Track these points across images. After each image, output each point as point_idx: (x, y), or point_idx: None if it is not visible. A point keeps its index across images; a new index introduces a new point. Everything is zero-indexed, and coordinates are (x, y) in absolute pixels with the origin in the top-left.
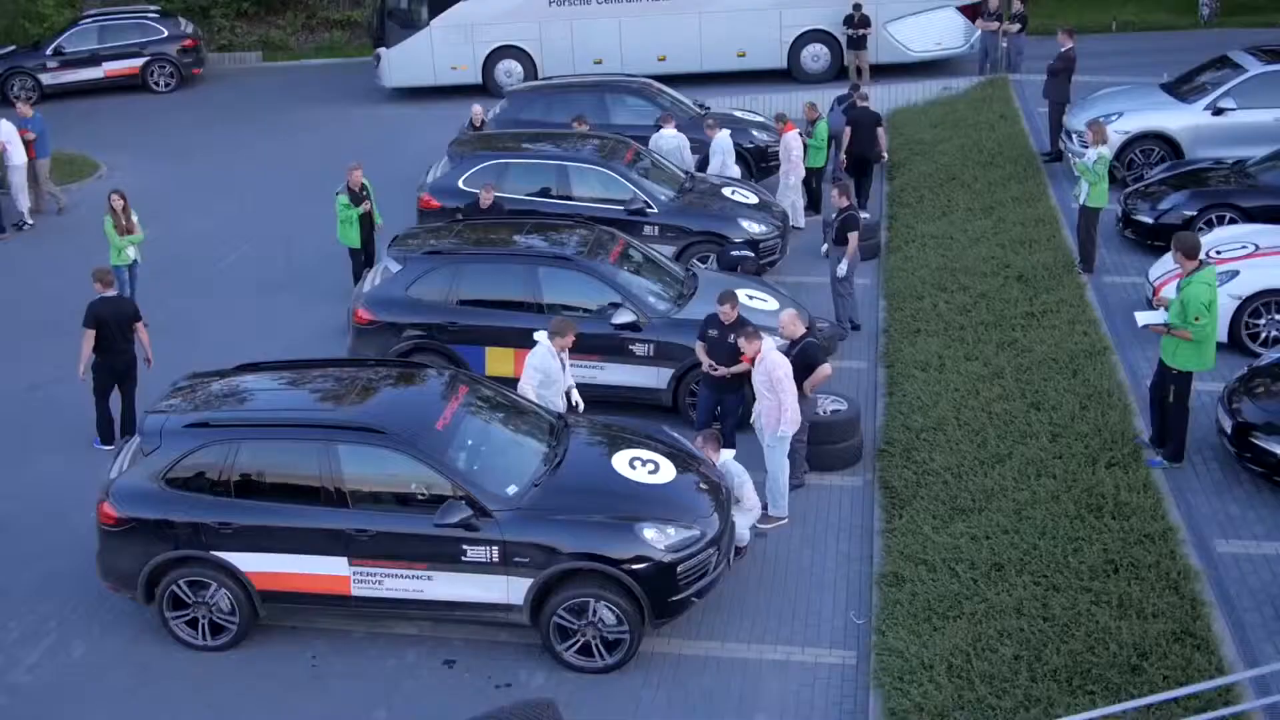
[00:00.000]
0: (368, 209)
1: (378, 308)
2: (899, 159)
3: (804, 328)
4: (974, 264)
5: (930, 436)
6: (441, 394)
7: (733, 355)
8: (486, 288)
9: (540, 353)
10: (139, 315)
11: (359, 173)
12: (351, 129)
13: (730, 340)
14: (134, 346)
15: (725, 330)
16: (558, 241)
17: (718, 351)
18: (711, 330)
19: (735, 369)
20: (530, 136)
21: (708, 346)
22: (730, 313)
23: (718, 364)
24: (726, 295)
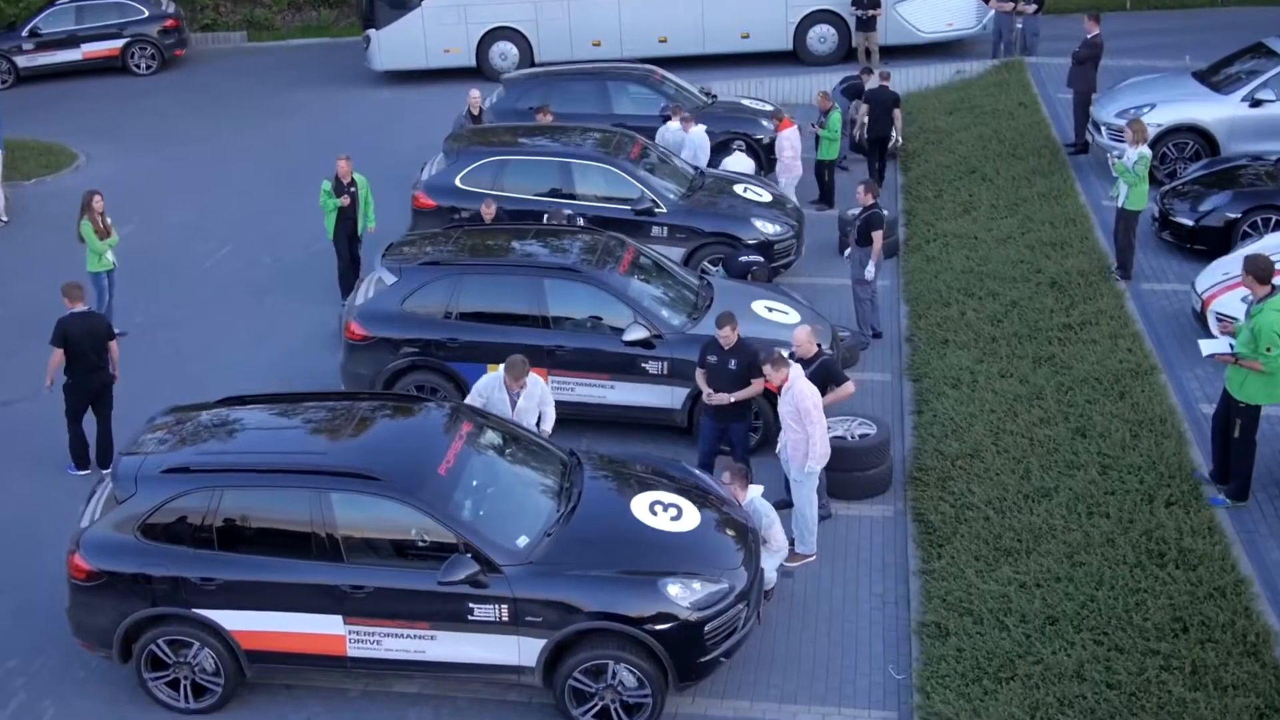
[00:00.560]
0: (347, 202)
1: (371, 322)
2: (914, 148)
3: (818, 346)
4: (1002, 267)
5: (967, 464)
6: (443, 432)
7: (736, 381)
8: (488, 301)
9: (489, 380)
10: (112, 332)
11: (346, 164)
12: (341, 114)
13: (732, 365)
14: (108, 366)
15: (726, 355)
16: (563, 250)
17: (719, 378)
18: (711, 356)
19: (741, 394)
20: (530, 130)
21: (708, 374)
22: (731, 335)
23: (720, 391)
24: (726, 318)
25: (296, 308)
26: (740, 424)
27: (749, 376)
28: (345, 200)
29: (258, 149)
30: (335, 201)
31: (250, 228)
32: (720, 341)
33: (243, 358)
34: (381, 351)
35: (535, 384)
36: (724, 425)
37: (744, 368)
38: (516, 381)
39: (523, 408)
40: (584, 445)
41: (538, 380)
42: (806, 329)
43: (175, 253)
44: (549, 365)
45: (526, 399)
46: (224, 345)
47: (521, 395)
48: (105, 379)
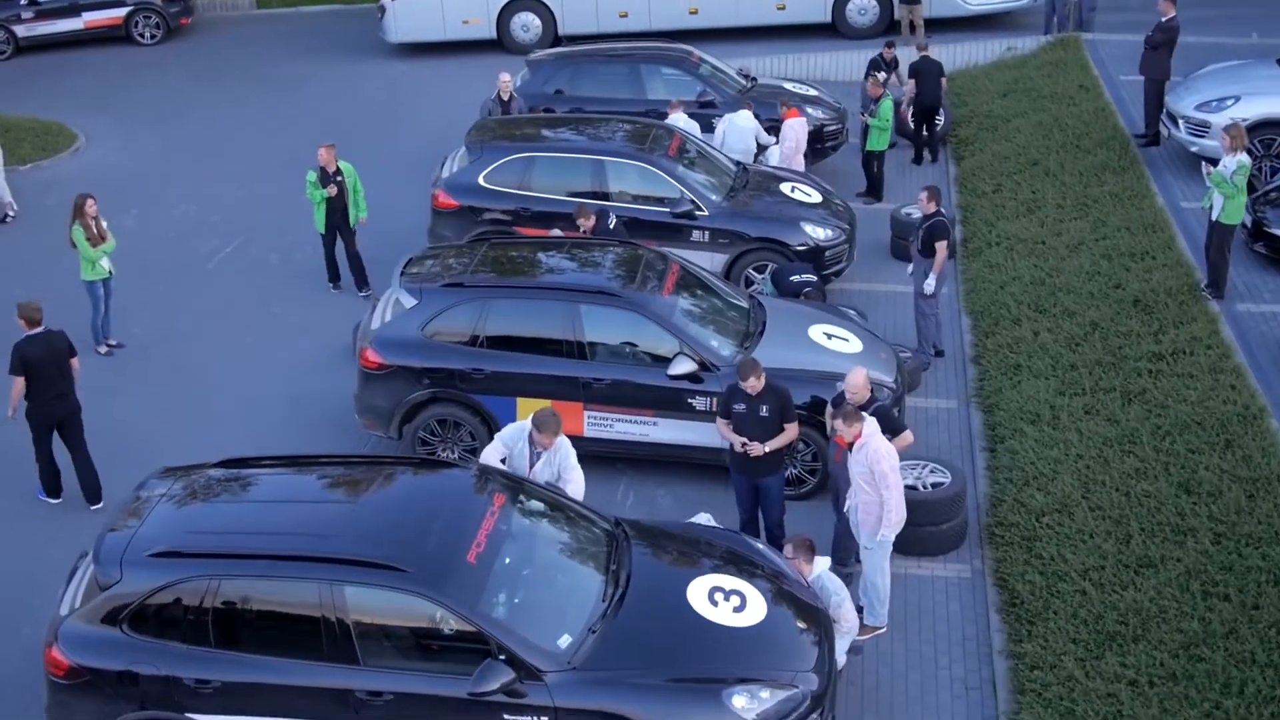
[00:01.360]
0: (334, 193)
1: (388, 349)
2: (966, 134)
3: (871, 391)
4: (1076, 280)
5: (1055, 522)
6: (473, 507)
7: (770, 429)
8: (517, 328)
9: (515, 431)
10: (73, 350)
11: (327, 152)
12: (353, 89)
13: (763, 412)
14: (74, 388)
15: (755, 401)
16: (600, 269)
17: (749, 427)
18: (737, 404)
19: (776, 442)
20: (558, 122)
21: (735, 424)
22: (757, 384)
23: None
24: (749, 367)
25: (305, 317)
26: (775, 478)
27: (782, 422)
28: (332, 190)
29: (265, 128)
30: (322, 193)
31: (256, 220)
32: (746, 389)
33: (247, 377)
34: (400, 381)
35: (562, 448)
36: (757, 480)
37: (776, 412)
38: (545, 439)
39: (538, 471)
40: (622, 486)
41: (566, 444)
42: (862, 373)
43: (176, 251)
44: (585, 399)
45: (546, 464)
46: (227, 361)
47: (543, 456)
48: (72, 405)
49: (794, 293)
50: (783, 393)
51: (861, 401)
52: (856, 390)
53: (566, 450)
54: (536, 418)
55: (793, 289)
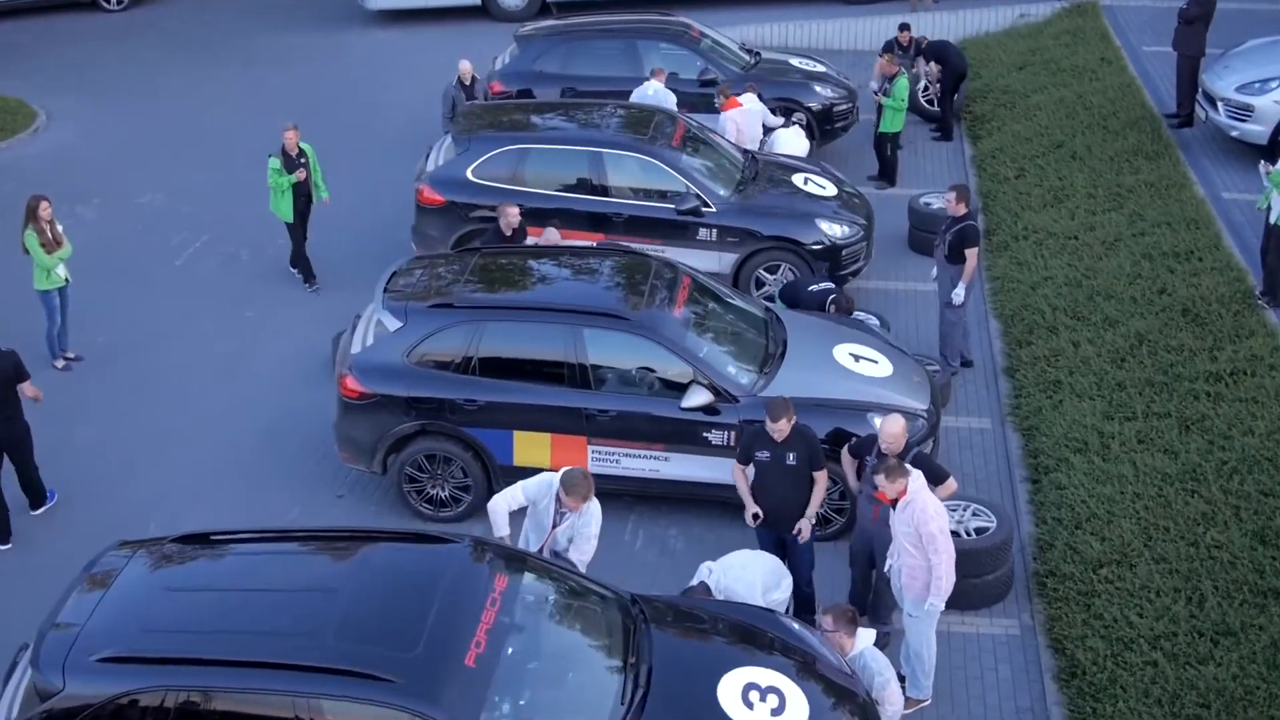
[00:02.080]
0: (303, 177)
1: (370, 377)
2: (982, 110)
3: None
4: (1115, 283)
5: (1114, 575)
6: (471, 595)
7: (797, 481)
8: (514, 353)
9: (541, 487)
10: (23, 372)
11: (294, 134)
12: (333, 61)
13: (790, 460)
14: (20, 414)
15: (782, 447)
16: (605, 283)
17: (771, 478)
18: (761, 451)
19: (814, 506)
20: (549, 108)
21: (758, 475)
22: (786, 429)
23: (775, 496)
24: (781, 408)
25: (281, 323)
26: None
27: (811, 470)
28: (301, 175)
29: (239, 104)
30: (289, 179)
31: (228, 210)
32: (773, 435)
33: (218, 393)
34: (383, 412)
35: (587, 513)
36: (785, 534)
37: (804, 461)
38: (573, 503)
39: (560, 533)
40: (630, 524)
41: (596, 510)
42: (900, 422)
43: (142, 246)
44: (589, 433)
45: (569, 527)
46: (197, 375)
47: (568, 518)
48: (21, 429)
49: (818, 304)
50: (810, 438)
51: (897, 452)
52: (893, 440)
53: (591, 516)
54: (566, 479)
55: (813, 303)
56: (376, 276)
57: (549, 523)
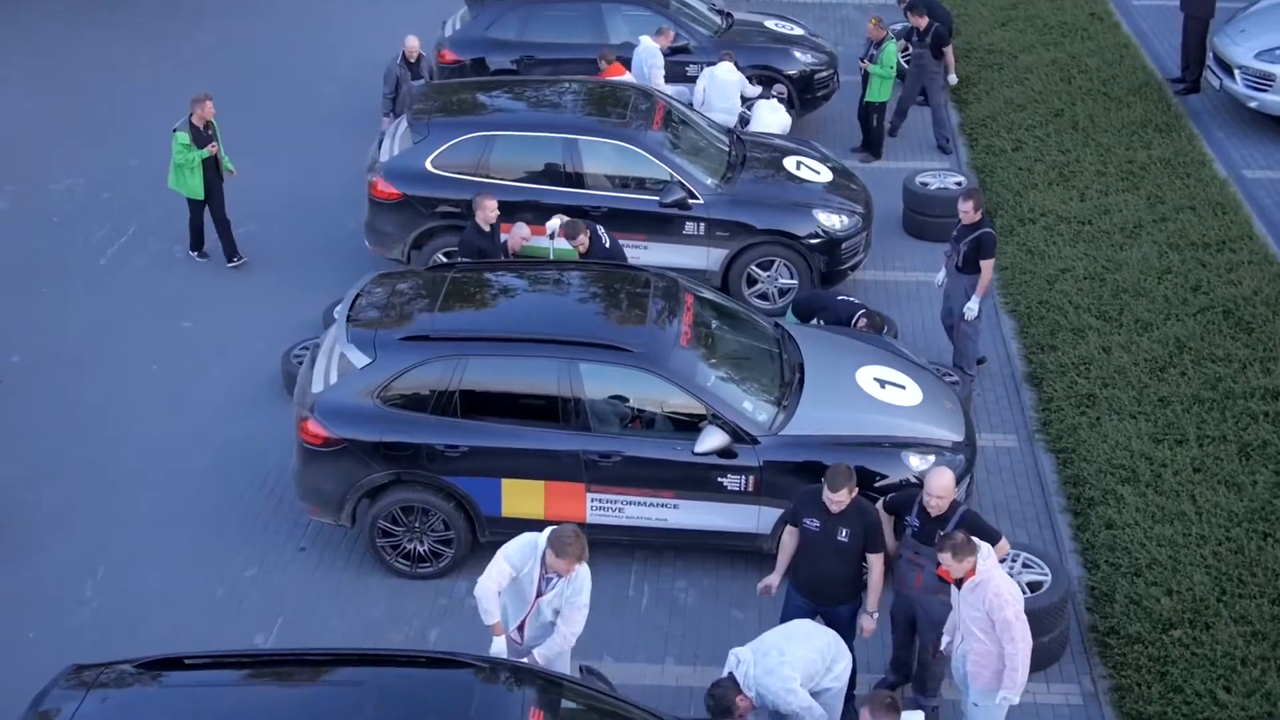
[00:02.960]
0: (214, 151)
1: (336, 420)
2: (966, 72)
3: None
4: (1143, 277)
5: (1190, 639)
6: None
7: (846, 559)
8: (501, 391)
9: (526, 548)
10: None
11: (210, 105)
12: (264, 21)
13: (843, 537)
14: None
15: (834, 520)
16: (598, 305)
17: (817, 552)
18: (810, 519)
19: (874, 597)
20: (514, 87)
21: (802, 543)
22: (844, 500)
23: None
24: (842, 477)
25: (221, 333)
26: (848, 606)
27: (865, 550)
28: (213, 149)
29: (152, 70)
30: (201, 153)
31: (154, 196)
32: (830, 505)
33: (156, 419)
34: (352, 461)
35: (578, 578)
36: (823, 608)
37: (859, 539)
38: (565, 565)
39: (547, 601)
40: (633, 577)
41: (586, 574)
42: (948, 477)
43: (60, 242)
44: (588, 480)
45: (558, 593)
46: (129, 401)
47: (556, 584)
48: None
49: (843, 320)
50: (871, 517)
51: (944, 511)
52: (941, 499)
53: (583, 582)
54: (555, 539)
55: (842, 318)
56: (323, 276)
57: (532, 592)
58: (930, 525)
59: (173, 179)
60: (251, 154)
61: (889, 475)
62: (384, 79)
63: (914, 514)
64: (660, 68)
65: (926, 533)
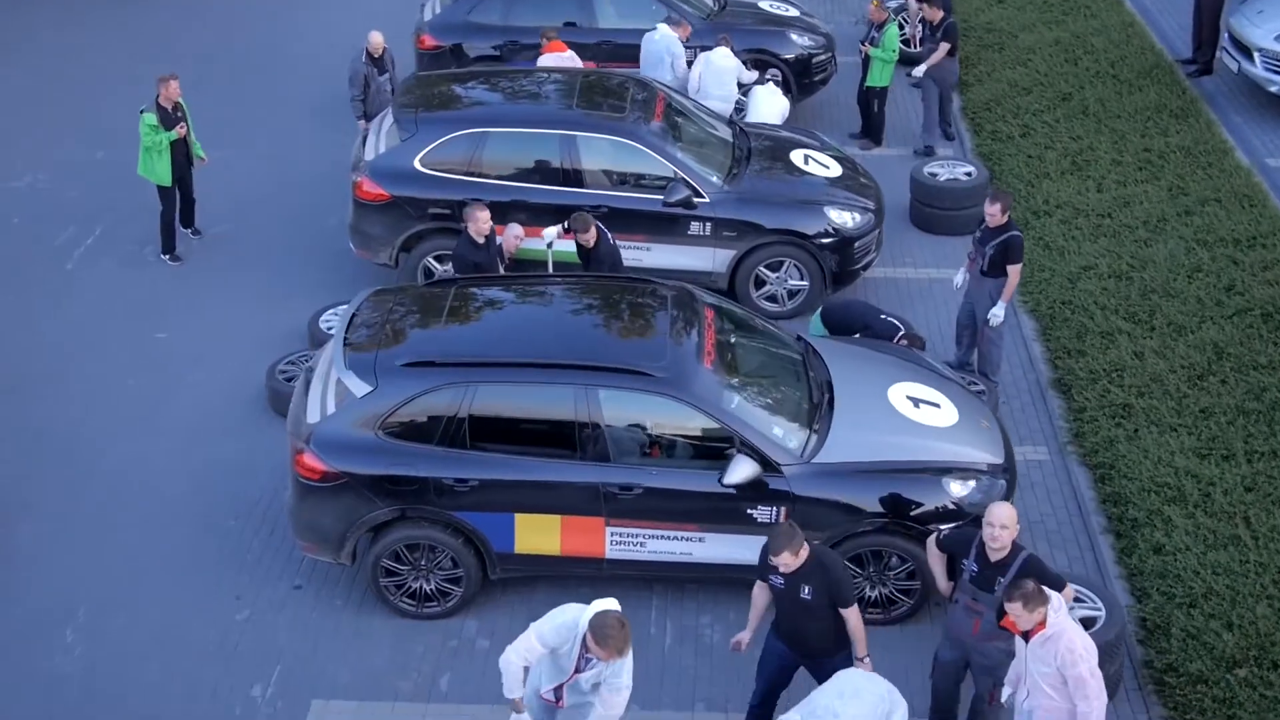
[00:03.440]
0: (183, 133)
1: (335, 453)
2: (965, 53)
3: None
4: (1172, 276)
5: (1259, 679)
6: None
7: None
8: (514, 420)
9: (565, 627)
10: None
11: (175, 85)
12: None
13: (804, 594)
14: None
15: (794, 580)
16: (613, 321)
17: (788, 609)
18: (774, 576)
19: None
20: (509, 78)
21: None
22: (792, 561)
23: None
24: (782, 538)
25: (201, 344)
26: (837, 657)
27: (834, 606)
28: (181, 130)
29: (113, 53)
30: (169, 135)
31: (122, 193)
32: (779, 566)
33: (132, 443)
34: (353, 496)
35: (617, 664)
36: (808, 660)
37: (823, 595)
38: (606, 654)
39: (584, 679)
40: (654, 613)
41: (629, 662)
42: (1009, 510)
43: (22, 245)
44: (608, 513)
45: (596, 674)
46: (102, 421)
47: (594, 665)
48: None
49: (886, 335)
50: (833, 572)
51: (1005, 554)
52: (1006, 526)
53: (623, 667)
54: (598, 627)
55: (876, 336)
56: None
57: (570, 667)
58: (990, 570)
59: (141, 164)
60: (221, 146)
61: (927, 503)
62: (349, 81)
63: (971, 557)
64: (683, 57)
65: (985, 578)
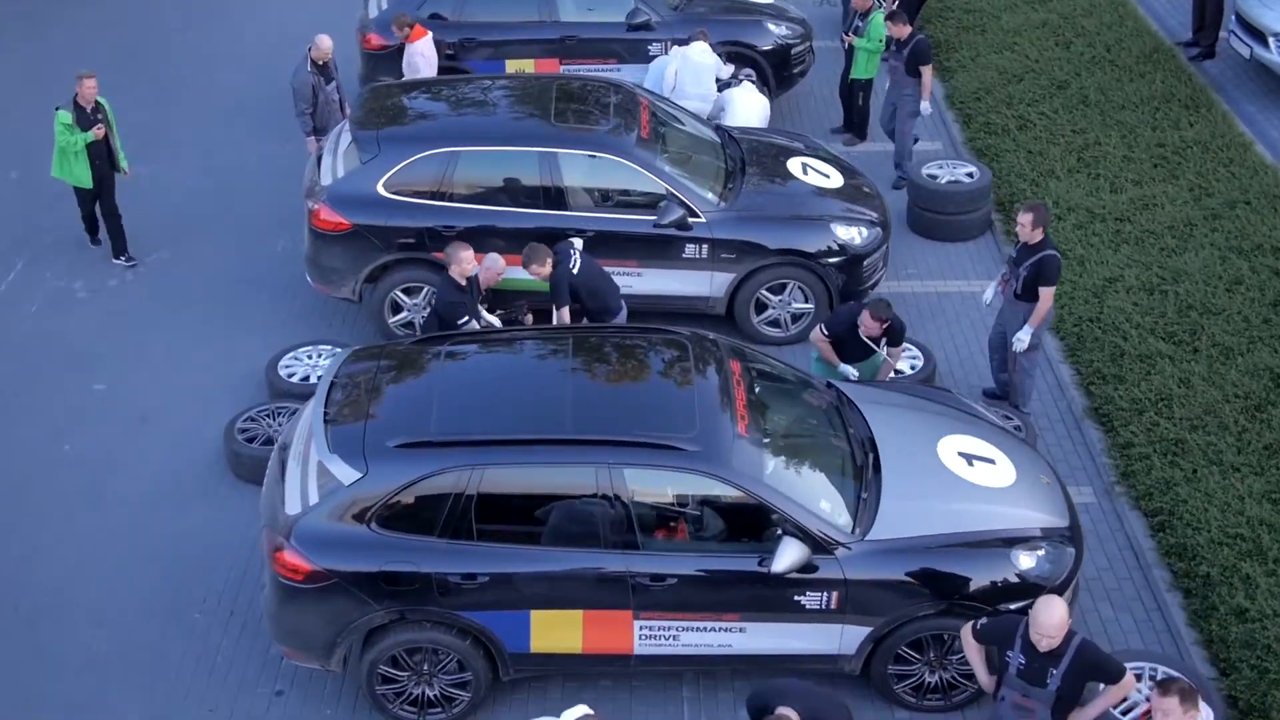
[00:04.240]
0: (101, 134)
1: (320, 550)
2: (944, 35)
3: None
4: (1210, 290)
5: None
6: None
7: None
8: (527, 505)
9: None
10: None
11: (92, 83)
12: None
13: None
14: None
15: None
16: (632, 385)
17: None
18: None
19: None
20: (478, 86)
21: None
22: None
23: None
24: None
25: (143, 396)
26: None
27: None
28: (99, 132)
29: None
30: (85, 136)
31: (44, 220)
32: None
33: (75, 520)
34: (343, 598)
35: None
36: None
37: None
38: None
39: None
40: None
41: None
42: (1061, 608)
43: None
44: (637, 606)
45: None
46: (39, 492)
47: None
48: None
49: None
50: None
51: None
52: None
53: None
54: None
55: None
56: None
57: None
58: (1040, 661)
59: (56, 166)
60: (149, 161)
61: (993, 579)
62: (294, 94)
63: (1018, 648)
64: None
65: (1036, 671)
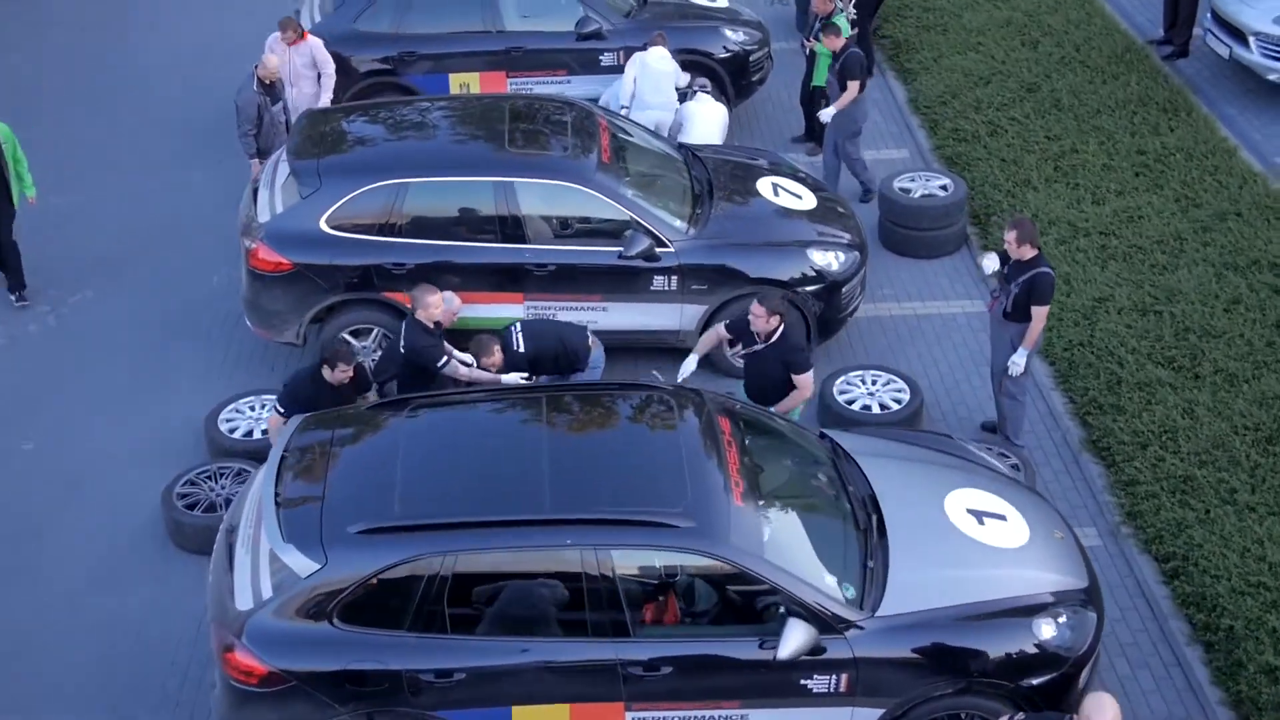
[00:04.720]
0: None
1: (278, 650)
2: (901, 34)
3: None
4: (1207, 311)
5: None
6: None
7: None
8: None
9: None
10: None
11: None
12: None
13: None
14: None
15: None
16: (617, 455)
17: None
18: None
19: None
20: (425, 108)
21: None
22: None
23: None
24: None
25: (78, 458)
26: None
27: None
28: None
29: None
30: None
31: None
32: None
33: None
34: (302, 702)
35: None
36: None
37: None
38: None
39: None
40: None
41: None
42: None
43: None
44: (628, 697)
45: None
46: None
47: None
48: None
49: None
50: None
51: None
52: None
53: None
54: None
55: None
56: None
57: None
58: None
59: None
60: (65, 191)
61: (1013, 652)
62: (238, 113)
63: None
64: None
65: None
